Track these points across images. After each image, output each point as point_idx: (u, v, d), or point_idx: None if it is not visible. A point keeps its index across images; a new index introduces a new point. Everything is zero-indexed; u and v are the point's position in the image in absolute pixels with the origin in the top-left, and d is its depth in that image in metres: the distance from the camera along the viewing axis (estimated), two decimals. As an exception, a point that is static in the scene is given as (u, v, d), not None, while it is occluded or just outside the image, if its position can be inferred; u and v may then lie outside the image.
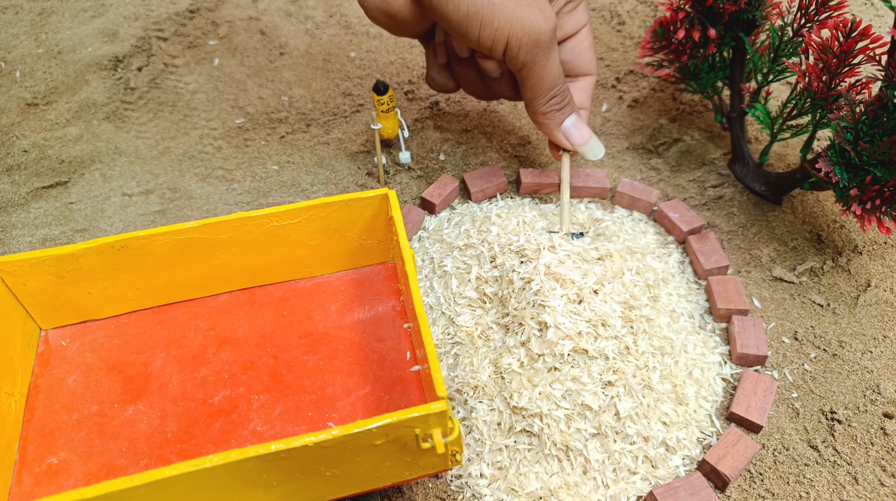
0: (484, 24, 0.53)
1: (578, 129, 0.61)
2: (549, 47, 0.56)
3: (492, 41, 0.54)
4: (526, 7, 0.53)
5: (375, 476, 0.45)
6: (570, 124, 0.61)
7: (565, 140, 0.61)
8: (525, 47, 0.54)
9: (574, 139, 0.61)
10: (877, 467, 0.53)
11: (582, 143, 0.61)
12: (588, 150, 0.62)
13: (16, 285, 0.52)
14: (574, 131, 0.61)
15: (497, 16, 0.53)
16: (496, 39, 0.54)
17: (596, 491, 0.51)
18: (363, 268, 0.60)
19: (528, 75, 0.57)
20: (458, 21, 0.54)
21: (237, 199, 0.73)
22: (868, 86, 0.59)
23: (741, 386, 0.56)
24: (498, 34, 0.54)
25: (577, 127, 0.61)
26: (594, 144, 0.62)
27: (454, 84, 0.66)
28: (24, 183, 0.75)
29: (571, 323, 0.52)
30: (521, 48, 0.55)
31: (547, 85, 0.58)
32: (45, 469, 0.48)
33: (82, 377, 0.53)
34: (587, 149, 0.62)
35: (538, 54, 0.55)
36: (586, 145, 0.62)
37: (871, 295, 0.64)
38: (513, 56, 0.55)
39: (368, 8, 0.57)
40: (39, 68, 0.89)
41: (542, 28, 0.54)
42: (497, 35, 0.54)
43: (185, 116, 0.83)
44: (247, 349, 0.55)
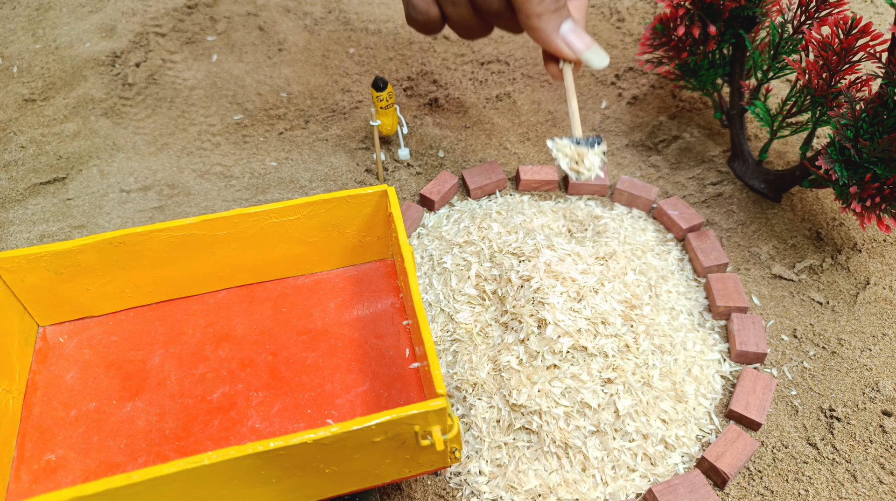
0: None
1: (578, 34, 0.55)
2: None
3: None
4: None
5: (374, 473, 0.44)
6: (569, 29, 0.54)
7: (565, 46, 0.54)
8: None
9: (575, 44, 0.54)
10: (875, 464, 0.53)
11: (584, 49, 0.55)
12: (592, 57, 0.55)
13: (13, 281, 0.52)
14: (573, 36, 0.54)
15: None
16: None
17: (595, 489, 0.51)
18: (362, 265, 0.60)
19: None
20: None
21: (235, 196, 0.73)
22: (868, 83, 0.59)
23: (740, 384, 0.56)
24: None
25: (576, 32, 0.55)
26: (597, 51, 0.55)
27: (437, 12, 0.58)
28: (22, 179, 0.75)
29: (571, 321, 0.52)
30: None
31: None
32: (43, 466, 0.48)
33: (80, 373, 0.53)
34: (591, 56, 0.55)
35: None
36: (589, 51, 0.55)
37: (870, 293, 0.64)
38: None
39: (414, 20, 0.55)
40: (37, 64, 0.88)
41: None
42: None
43: (184, 112, 0.82)
44: (245, 346, 0.55)
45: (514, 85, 0.85)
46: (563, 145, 0.55)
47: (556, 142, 0.55)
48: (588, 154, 0.55)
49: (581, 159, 0.55)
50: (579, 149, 0.55)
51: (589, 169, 0.55)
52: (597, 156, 0.56)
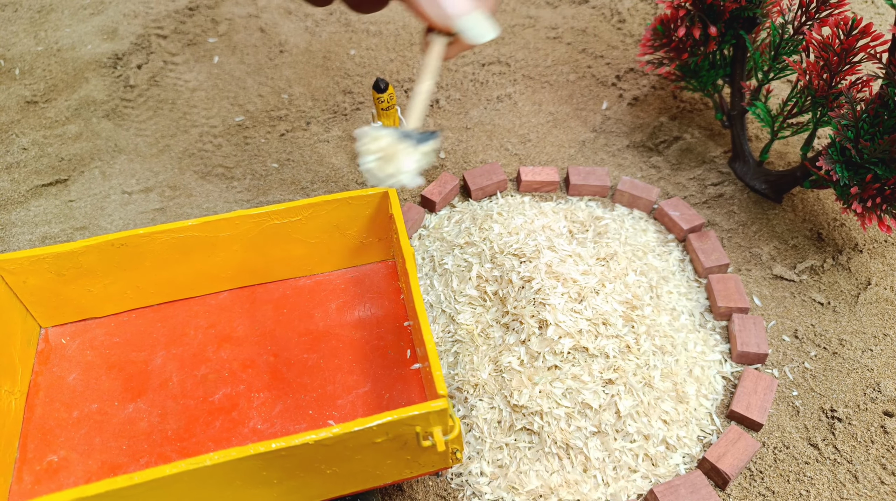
0: None
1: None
2: None
3: None
4: None
5: (376, 473, 0.45)
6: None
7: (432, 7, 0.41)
8: None
9: (447, 5, 0.40)
10: (877, 465, 0.53)
11: (459, 13, 0.40)
12: (470, 26, 0.41)
13: (16, 283, 0.52)
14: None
15: None
16: None
17: (596, 489, 0.51)
18: (363, 266, 0.60)
19: None
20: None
21: (237, 197, 0.73)
22: (869, 84, 0.59)
23: (741, 385, 0.56)
24: None
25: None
26: (479, 19, 0.41)
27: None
28: (24, 181, 0.75)
29: (572, 322, 0.52)
30: None
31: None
32: (45, 467, 0.48)
33: (82, 375, 0.53)
34: (468, 24, 0.41)
35: None
36: (467, 17, 0.41)
37: (871, 294, 0.64)
38: None
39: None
40: (39, 66, 0.88)
41: None
42: None
43: (185, 114, 0.83)
44: (247, 347, 0.55)
45: (515, 86, 0.85)
46: (379, 136, 0.42)
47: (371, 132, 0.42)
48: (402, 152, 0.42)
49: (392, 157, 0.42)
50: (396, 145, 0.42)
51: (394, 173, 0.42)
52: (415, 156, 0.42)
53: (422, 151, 0.42)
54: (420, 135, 0.42)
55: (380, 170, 0.42)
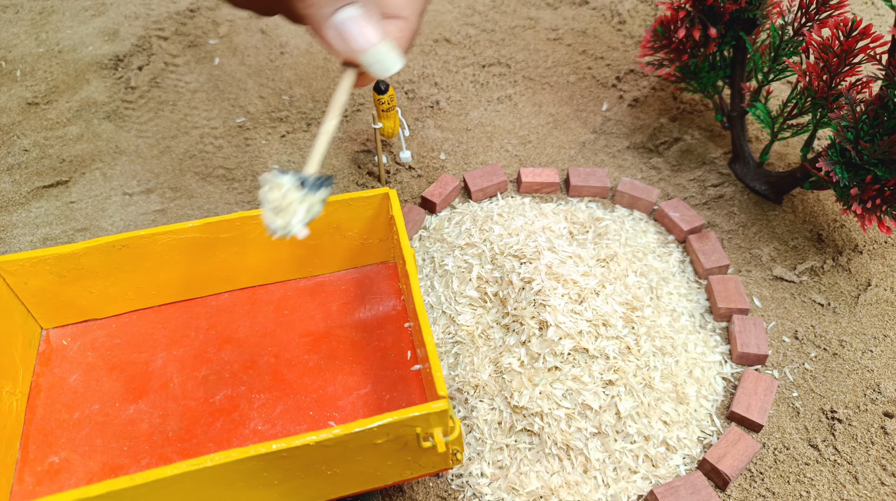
0: None
1: (359, 25, 0.39)
2: None
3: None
4: None
5: (376, 475, 0.45)
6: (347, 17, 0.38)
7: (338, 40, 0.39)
8: None
9: (352, 39, 0.39)
10: (877, 466, 0.53)
11: (363, 47, 0.39)
12: (374, 60, 0.40)
13: (17, 284, 0.52)
14: (352, 28, 0.39)
15: None
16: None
17: (596, 490, 0.51)
18: (364, 268, 0.60)
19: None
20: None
21: (238, 198, 0.73)
22: (868, 85, 0.59)
23: (741, 386, 0.56)
24: None
25: (357, 21, 0.39)
26: (384, 52, 0.40)
27: None
28: (25, 182, 0.75)
29: (572, 323, 0.52)
30: None
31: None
32: (46, 468, 0.48)
33: (83, 376, 0.53)
34: (372, 58, 0.40)
35: None
36: (370, 51, 0.39)
37: (871, 295, 0.64)
38: None
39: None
40: (40, 67, 0.89)
41: None
42: None
43: (186, 115, 0.83)
44: (248, 348, 0.55)
45: (516, 87, 0.85)
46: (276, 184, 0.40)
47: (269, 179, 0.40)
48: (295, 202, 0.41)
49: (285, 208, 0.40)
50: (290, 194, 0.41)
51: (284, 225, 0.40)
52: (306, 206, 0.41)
53: (311, 201, 0.41)
54: (315, 181, 0.41)
55: (271, 221, 0.40)
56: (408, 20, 0.42)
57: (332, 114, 0.41)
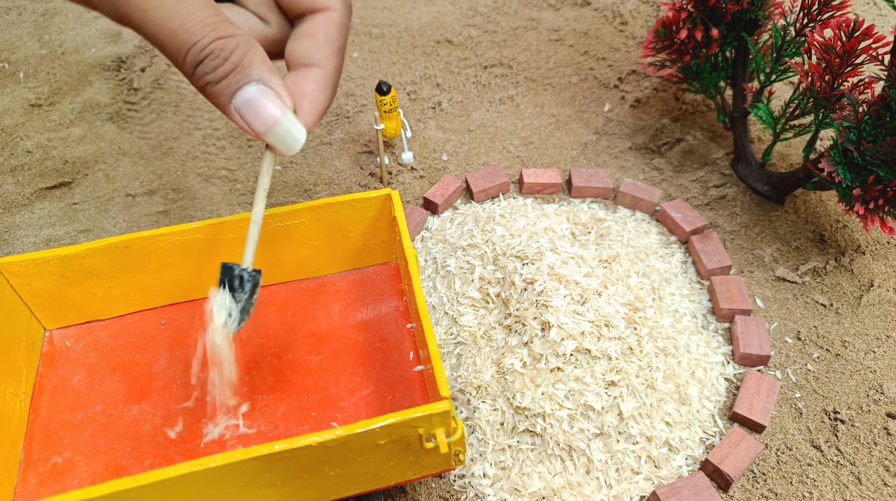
0: None
1: (259, 105, 0.37)
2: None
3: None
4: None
5: (379, 475, 0.45)
6: (246, 99, 0.37)
7: (242, 123, 0.38)
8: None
9: (252, 122, 0.38)
10: (880, 467, 0.53)
11: (263, 128, 0.38)
12: (277, 140, 0.39)
13: (20, 285, 0.52)
14: (251, 110, 0.37)
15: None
16: None
17: (599, 491, 0.51)
18: (366, 269, 0.60)
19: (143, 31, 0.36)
20: None
21: (240, 200, 0.73)
22: (871, 85, 0.59)
23: (744, 386, 0.56)
24: None
25: (256, 101, 0.37)
26: (287, 128, 0.39)
27: None
28: (28, 183, 0.75)
29: (574, 324, 0.52)
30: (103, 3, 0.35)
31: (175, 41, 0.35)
32: (49, 469, 0.49)
33: (87, 377, 0.53)
34: (274, 139, 0.39)
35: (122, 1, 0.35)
36: (271, 132, 0.38)
37: (874, 295, 0.64)
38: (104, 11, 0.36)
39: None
40: (43, 69, 0.89)
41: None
42: None
43: (188, 117, 0.83)
44: (250, 349, 0.55)
45: (518, 88, 0.85)
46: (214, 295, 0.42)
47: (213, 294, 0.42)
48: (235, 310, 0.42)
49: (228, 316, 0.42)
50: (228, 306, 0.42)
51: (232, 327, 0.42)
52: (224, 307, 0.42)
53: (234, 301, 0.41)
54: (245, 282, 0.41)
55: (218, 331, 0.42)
56: (322, 67, 0.41)
57: (258, 201, 0.41)
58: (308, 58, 0.41)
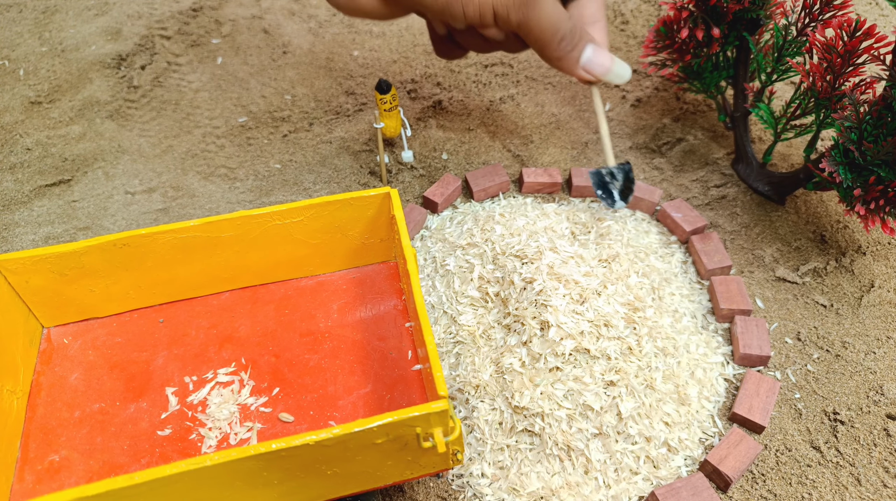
0: (466, 3, 0.53)
1: (598, 58, 0.58)
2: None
3: (479, 15, 0.54)
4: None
5: (376, 475, 0.45)
6: (588, 57, 0.58)
7: (587, 75, 0.58)
8: (513, 9, 0.53)
9: (596, 70, 0.58)
10: (880, 468, 0.53)
11: (604, 73, 0.59)
12: (613, 77, 0.59)
13: (18, 283, 0.52)
14: (594, 63, 0.58)
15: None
16: (483, 13, 0.54)
17: (597, 492, 0.51)
18: (365, 267, 0.60)
19: (528, 31, 0.55)
20: (440, 9, 0.54)
21: (240, 198, 0.73)
22: (872, 85, 0.59)
23: (743, 387, 0.56)
24: (483, 7, 0.53)
25: (596, 57, 0.58)
26: (619, 68, 0.59)
27: (461, 51, 0.64)
28: (28, 181, 0.75)
29: (573, 323, 0.52)
30: (510, 12, 0.54)
31: (549, 33, 0.55)
32: (46, 467, 0.48)
33: (84, 375, 0.53)
34: (612, 77, 0.59)
35: (528, 11, 0.53)
36: (610, 73, 0.59)
37: (874, 296, 0.63)
38: (505, 21, 0.54)
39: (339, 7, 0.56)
40: (43, 66, 0.89)
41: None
42: (482, 8, 0.53)
43: (188, 115, 0.83)
44: (248, 347, 0.55)
45: (518, 87, 0.85)
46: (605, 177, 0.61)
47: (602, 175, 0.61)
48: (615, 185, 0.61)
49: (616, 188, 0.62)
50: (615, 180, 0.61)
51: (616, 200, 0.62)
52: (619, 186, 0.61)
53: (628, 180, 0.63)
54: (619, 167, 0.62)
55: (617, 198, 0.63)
56: (602, 21, 0.61)
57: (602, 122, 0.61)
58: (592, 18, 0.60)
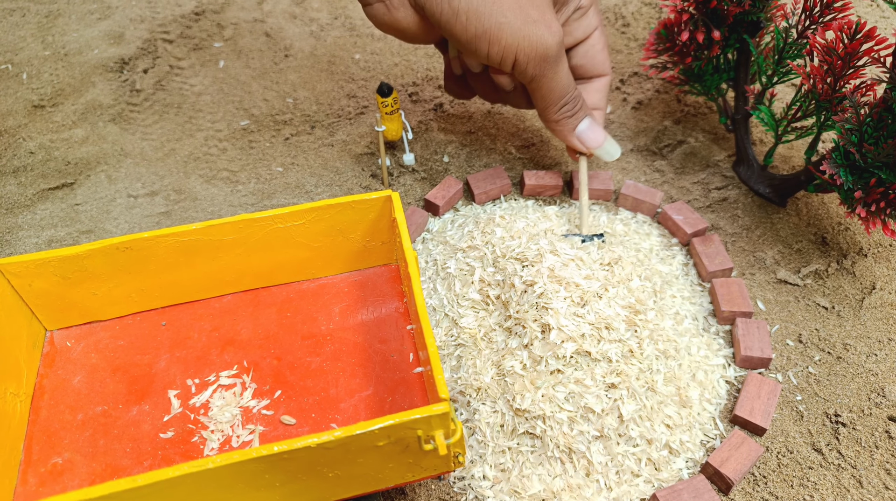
0: (492, 42, 0.55)
1: (593, 132, 0.63)
2: (557, 60, 0.57)
3: (501, 57, 0.57)
4: (532, 24, 0.55)
5: (378, 477, 0.45)
6: (584, 128, 0.62)
7: (580, 144, 0.63)
8: (533, 62, 0.56)
9: (589, 142, 0.63)
10: (881, 470, 0.53)
11: (596, 146, 0.63)
12: (603, 152, 0.64)
13: (21, 286, 0.52)
14: (588, 135, 0.63)
15: (504, 34, 0.55)
16: (505, 56, 0.56)
17: (599, 494, 0.51)
18: (367, 270, 0.60)
19: (538, 87, 0.59)
20: (467, 40, 0.56)
21: (242, 201, 0.73)
22: (873, 88, 0.59)
23: (745, 389, 0.56)
24: (506, 51, 0.56)
25: (591, 130, 0.62)
26: (609, 146, 0.64)
27: (470, 93, 0.69)
28: (31, 184, 0.75)
29: (574, 326, 0.52)
30: (530, 63, 0.57)
31: (557, 95, 0.60)
32: (49, 469, 0.49)
33: (87, 377, 0.53)
34: (602, 152, 0.64)
35: (546, 68, 0.57)
36: (601, 148, 0.63)
37: (875, 298, 0.63)
38: (522, 70, 0.58)
39: (378, 23, 0.58)
40: (46, 70, 0.89)
41: (549, 43, 0.56)
42: (506, 52, 0.56)
43: (191, 118, 0.83)
44: (250, 350, 0.55)
45: (519, 90, 0.85)
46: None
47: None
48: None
49: None
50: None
51: None
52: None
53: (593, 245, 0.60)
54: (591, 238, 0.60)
55: None
56: (602, 110, 0.66)
57: (583, 191, 0.63)
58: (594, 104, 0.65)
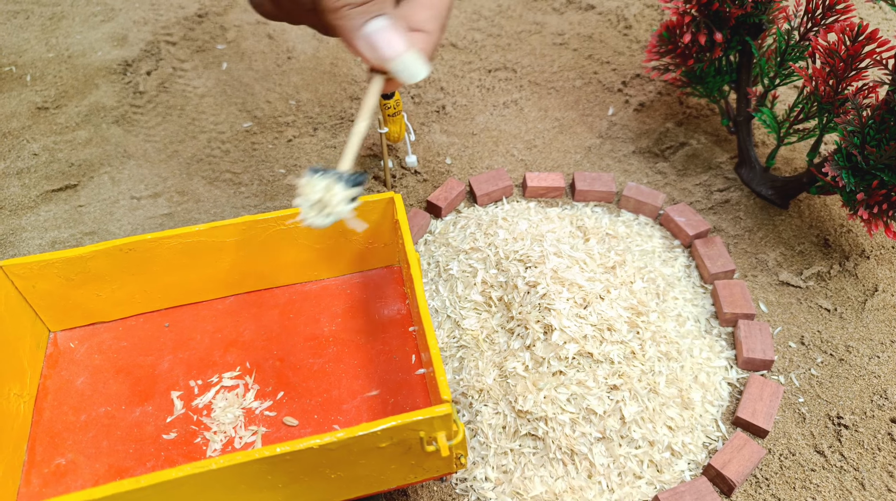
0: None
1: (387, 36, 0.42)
2: None
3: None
4: None
5: (380, 478, 0.45)
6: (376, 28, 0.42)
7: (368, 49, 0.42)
8: None
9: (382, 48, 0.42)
10: (884, 472, 0.53)
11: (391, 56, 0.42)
12: (402, 68, 0.43)
13: (25, 287, 0.52)
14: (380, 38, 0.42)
15: None
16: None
17: (601, 495, 0.51)
18: (369, 272, 0.61)
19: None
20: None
21: (244, 202, 0.73)
22: (875, 90, 0.59)
23: (747, 391, 0.56)
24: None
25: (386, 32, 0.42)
26: (411, 60, 0.43)
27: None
28: (34, 186, 0.76)
29: (577, 327, 0.52)
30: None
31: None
32: (53, 470, 0.49)
33: (90, 378, 0.54)
34: (400, 66, 0.42)
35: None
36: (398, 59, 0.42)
37: (878, 300, 0.63)
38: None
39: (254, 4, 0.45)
40: (50, 72, 0.89)
41: None
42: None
43: (194, 120, 0.83)
44: (253, 351, 0.55)
45: (521, 92, 0.85)
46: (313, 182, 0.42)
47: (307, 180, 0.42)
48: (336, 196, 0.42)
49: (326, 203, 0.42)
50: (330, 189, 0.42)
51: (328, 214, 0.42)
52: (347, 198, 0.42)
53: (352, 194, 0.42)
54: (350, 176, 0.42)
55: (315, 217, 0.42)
56: (430, 34, 0.44)
57: (362, 116, 0.43)
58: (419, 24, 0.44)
